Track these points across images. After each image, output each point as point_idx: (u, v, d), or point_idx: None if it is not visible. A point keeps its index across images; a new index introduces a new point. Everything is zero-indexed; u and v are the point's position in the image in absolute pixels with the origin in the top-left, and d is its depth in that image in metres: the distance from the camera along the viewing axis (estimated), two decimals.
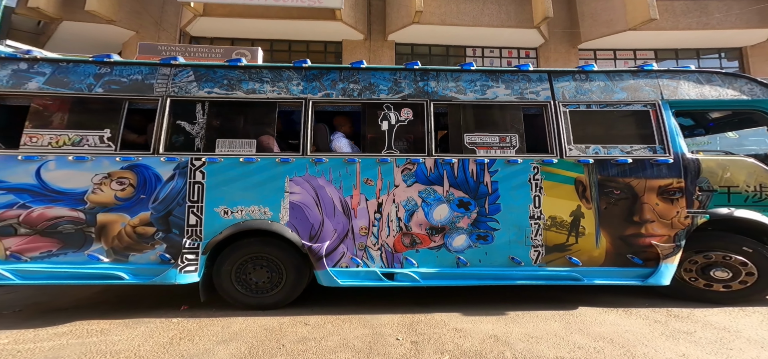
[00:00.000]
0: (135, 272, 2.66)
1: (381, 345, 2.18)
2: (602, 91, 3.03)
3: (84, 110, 2.87)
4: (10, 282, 2.56)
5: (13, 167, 2.68)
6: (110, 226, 2.69)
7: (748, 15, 10.67)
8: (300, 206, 2.77)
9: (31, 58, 2.97)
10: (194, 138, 2.87)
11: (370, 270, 2.77)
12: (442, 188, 2.80)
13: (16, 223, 2.65)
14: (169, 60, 3.04)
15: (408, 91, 2.98)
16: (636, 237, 2.79)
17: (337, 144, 3.02)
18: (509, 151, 2.87)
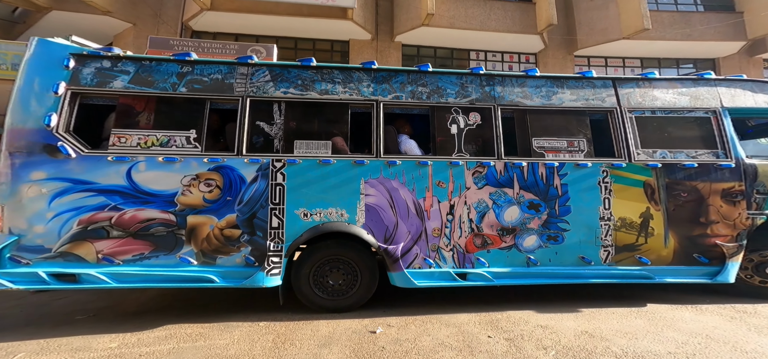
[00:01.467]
0: (224, 275, 2.76)
1: (477, 343, 2.37)
2: (666, 98, 3.32)
3: (169, 109, 2.92)
4: (105, 285, 2.63)
5: (104, 168, 2.73)
6: (199, 228, 2.78)
7: (724, 28, 11.72)
8: (375, 208, 2.94)
9: (114, 55, 2.99)
10: (273, 139, 2.97)
11: (443, 271, 2.95)
12: (513, 191, 3.03)
13: (108, 225, 2.70)
14: (245, 59, 3.12)
15: (475, 95, 3.19)
16: (702, 237, 3.07)
17: (407, 146, 3.20)
18: (578, 155, 3.13)
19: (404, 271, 2.88)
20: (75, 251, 2.67)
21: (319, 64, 3.18)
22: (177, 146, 2.85)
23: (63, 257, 2.65)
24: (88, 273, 2.62)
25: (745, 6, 11.74)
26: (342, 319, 2.83)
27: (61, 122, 2.75)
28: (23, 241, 2.61)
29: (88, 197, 2.70)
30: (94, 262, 2.67)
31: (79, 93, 2.87)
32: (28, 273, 2.58)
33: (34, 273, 2.58)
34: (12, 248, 2.60)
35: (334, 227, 2.88)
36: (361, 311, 2.96)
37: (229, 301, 3.26)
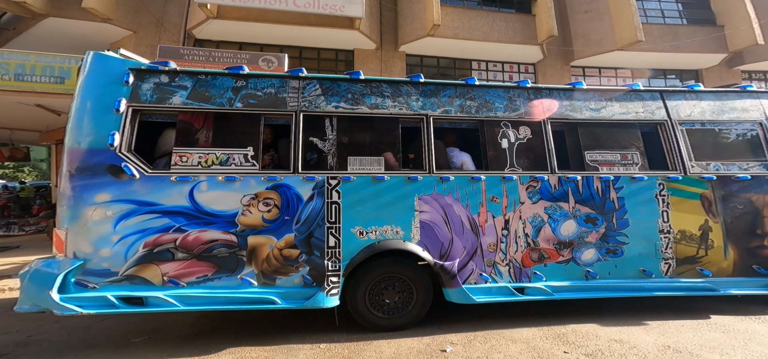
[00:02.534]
0: (284, 296, 2.73)
1: None
2: (712, 110, 3.43)
3: (227, 126, 2.87)
4: (173, 307, 2.58)
5: (167, 189, 2.68)
6: (259, 249, 2.75)
7: (708, 41, 12.41)
8: (430, 225, 2.96)
9: (172, 70, 2.92)
10: (326, 155, 2.95)
11: (501, 286, 2.97)
12: (568, 205, 3.09)
13: (173, 247, 2.65)
14: (297, 72, 3.10)
15: (523, 109, 3.26)
16: (760, 249, 3.15)
17: (461, 159, 3.25)
18: (632, 168, 3.20)
19: (462, 287, 2.90)
20: (141, 274, 2.61)
21: (368, 77, 3.20)
22: (236, 165, 2.81)
23: (130, 281, 2.59)
24: (156, 296, 2.57)
25: (726, 20, 12.48)
26: (401, 338, 2.83)
27: (124, 141, 2.68)
28: (89, 265, 2.55)
29: (153, 219, 2.65)
30: (160, 285, 2.62)
31: (139, 110, 2.80)
32: (96, 297, 2.52)
33: (102, 297, 2.51)
34: (77, 272, 2.53)
35: (391, 245, 2.88)
36: (417, 329, 2.96)
37: (274, 321, 3.23)
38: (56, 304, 2.41)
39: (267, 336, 2.90)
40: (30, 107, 7.82)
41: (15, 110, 8.01)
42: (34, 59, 6.19)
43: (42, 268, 2.51)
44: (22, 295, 2.51)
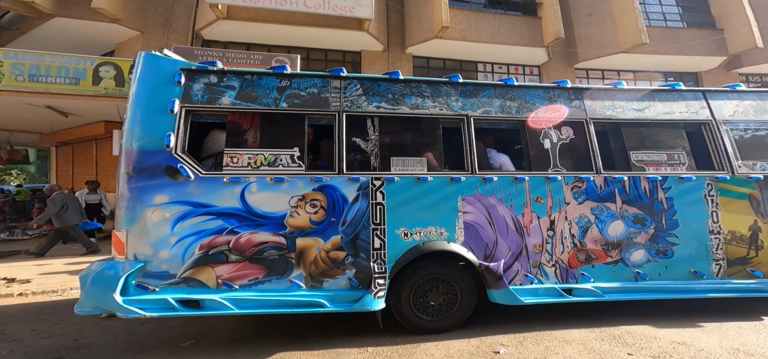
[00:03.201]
0: (332, 299, 2.69)
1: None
2: (755, 110, 3.44)
3: (273, 126, 2.86)
4: (229, 311, 2.54)
5: (220, 190, 2.65)
6: (307, 251, 2.72)
7: (708, 44, 12.65)
8: (474, 226, 2.95)
9: (220, 70, 2.90)
10: (369, 156, 2.93)
11: (548, 287, 2.94)
12: (615, 205, 3.08)
13: (226, 249, 2.62)
14: (338, 72, 3.08)
15: (565, 110, 3.24)
16: None
17: (501, 161, 3.24)
18: (679, 168, 3.19)
19: (509, 288, 2.88)
20: (197, 276, 2.58)
21: (407, 77, 3.19)
22: (283, 165, 2.79)
23: (186, 283, 2.56)
24: (212, 299, 2.54)
25: (725, 24, 12.73)
26: (447, 340, 2.80)
27: (179, 142, 2.67)
28: (149, 267, 2.52)
29: (208, 221, 2.62)
30: (215, 287, 2.59)
31: (192, 111, 2.79)
32: (157, 299, 2.48)
33: (163, 300, 2.48)
34: (138, 274, 2.50)
35: (436, 247, 2.86)
36: (461, 331, 2.93)
37: (313, 324, 3.19)
38: (120, 307, 2.38)
39: (311, 340, 2.87)
40: (37, 109, 7.68)
41: (21, 111, 7.86)
42: (48, 60, 6.08)
43: (105, 270, 2.49)
44: (84, 297, 2.49)
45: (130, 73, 6.86)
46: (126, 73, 6.84)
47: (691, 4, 13.37)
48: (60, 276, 4.87)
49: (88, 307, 2.48)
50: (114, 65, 6.82)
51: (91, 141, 10.01)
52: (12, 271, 5.08)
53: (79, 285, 2.56)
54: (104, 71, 6.81)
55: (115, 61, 6.82)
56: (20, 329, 3.30)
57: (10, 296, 4.26)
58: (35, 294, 4.29)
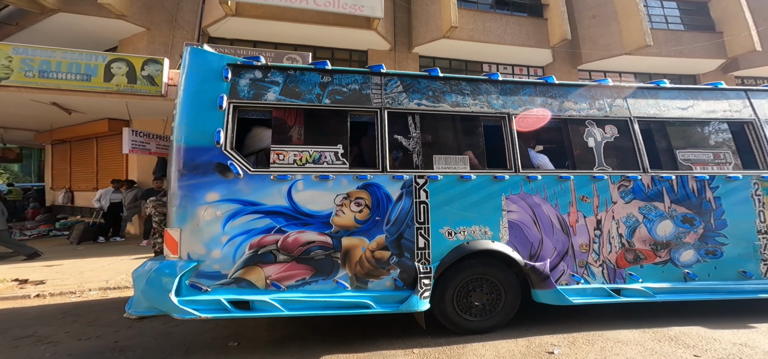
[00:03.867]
0: (378, 300, 2.61)
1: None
2: None
3: (317, 123, 2.79)
4: (278, 313, 2.44)
5: (268, 188, 2.57)
6: (353, 251, 2.64)
7: (708, 47, 12.81)
8: (518, 225, 2.87)
9: (264, 65, 2.82)
10: (411, 154, 2.86)
11: (597, 287, 2.87)
12: (664, 205, 3.02)
13: (275, 249, 2.54)
14: (378, 68, 3.01)
15: (607, 108, 3.19)
16: None
17: (539, 161, 3.18)
18: (725, 167, 3.14)
19: (557, 288, 2.80)
20: (247, 276, 2.49)
21: (446, 75, 3.12)
22: (327, 163, 2.70)
23: (237, 283, 2.47)
24: (262, 300, 2.44)
25: (725, 27, 12.89)
26: (493, 340, 2.73)
27: (228, 138, 2.59)
28: (201, 267, 2.44)
29: (257, 219, 2.54)
30: (264, 288, 2.50)
31: (238, 106, 2.70)
32: (210, 300, 2.40)
33: (216, 301, 2.40)
34: (191, 274, 2.42)
35: (480, 246, 2.78)
36: (505, 332, 2.86)
37: (350, 325, 3.08)
38: (176, 307, 2.31)
39: (352, 342, 2.77)
40: (41, 105, 7.41)
41: (24, 107, 7.58)
42: (59, 56, 5.86)
43: (161, 270, 2.41)
44: (139, 297, 2.43)
45: (142, 70, 6.72)
46: (138, 70, 6.63)
47: (692, 8, 13.52)
48: (74, 277, 4.70)
49: (142, 307, 2.42)
50: (126, 62, 6.62)
51: (91, 139, 9.73)
52: (20, 272, 4.87)
53: (133, 285, 2.49)
54: (116, 68, 6.60)
55: (128, 57, 6.62)
56: (53, 331, 3.19)
57: (27, 297, 4.10)
58: (53, 295, 4.14)
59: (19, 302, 4.01)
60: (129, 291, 4.29)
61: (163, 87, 6.71)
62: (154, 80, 6.70)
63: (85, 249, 6.83)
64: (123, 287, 4.36)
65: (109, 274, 4.84)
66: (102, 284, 4.41)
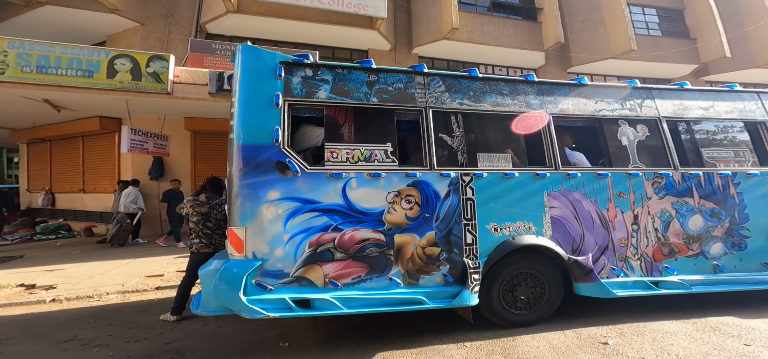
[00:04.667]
0: (430, 295, 2.60)
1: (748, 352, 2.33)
2: None
3: (366, 121, 2.77)
4: (338, 311, 2.39)
5: (324, 186, 2.53)
6: (405, 248, 2.61)
7: (684, 53, 13.46)
8: (560, 221, 2.90)
9: (314, 64, 2.78)
10: (456, 152, 2.87)
11: (637, 280, 2.93)
12: (693, 200, 3.12)
13: (332, 247, 2.50)
14: (420, 68, 3.00)
15: (638, 108, 3.28)
16: None
17: (576, 159, 3.22)
18: (745, 165, 3.27)
19: (601, 282, 2.84)
20: (307, 275, 2.45)
21: (485, 75, 3.15)
22: (378, 161, 2.67)
23: (298, 282, 2.43)
24: (322, 299, 2.40)
25: (698, 34, 13.58)
26: (541, 333, 2.74)
27: (285, 136, 2.54)
28: (266, 266, 2.40)
29: (315, 218, 2.49)
30: (322, 286, 2.46)
31: (292, 104, 2.66)
32: (275, 299, 2.35)
33: (281, 300, 2.35)
34: (256, 273, 2.37)
35: (526, 241, 2.80)
36: (549, 324, 2.87)
37: (390, 322, 3.03)
38: (245, 306, 2.26)
39: (399, 339, 2.72)
40: (28, 102, 6.90)
41: (10, 104, 7.04)
42: (59, 51, 5.47)
43: (230, 268, 2.34)
44: (208, 296, 2.38)
45: (147, 67, 6.38)
46: (143, 67, 6.31)
47: (670, 15, 14.15)
48: (85, 282, 4.42)
49: (211, 306, 2.38)
50: (130, 58, 6.27)
51: (76, 138, 9.04)
52: (22, 277, 4.52)
53: (201, 284, 2.44)
54: (120, 64, 6.25)
55: (132, 53, 6.28)
56: (94, 334, 3.05)
57: (42, 302, 3.84)
58: (69, 300, 3.90)
59: (34, 307, 3.75)
60: (149, 293, 4.11)
61: (169, 84, 6.42)
62: (159, 77, 6.40)
63: (83, 253, 6.42)
64: (142, 290, 4.16)
65: (122, 277, 4.59)
66: (118, 287, 4.19)
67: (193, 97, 6.84)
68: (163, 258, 5.68)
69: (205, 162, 8.54)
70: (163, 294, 4.10)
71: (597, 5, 12.18)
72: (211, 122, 8.28)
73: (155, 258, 5.69)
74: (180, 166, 8.45)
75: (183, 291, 3.31)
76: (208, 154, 8.56)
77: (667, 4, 14.10)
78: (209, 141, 8.58)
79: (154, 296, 4.04)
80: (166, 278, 4.60)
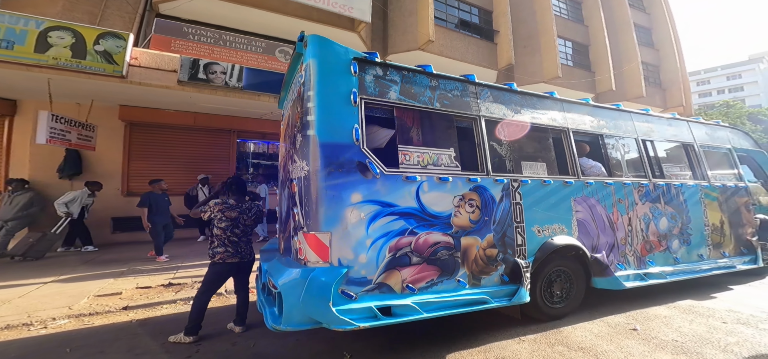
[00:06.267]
0: (492, 295, 2.60)
1: (727, 330, 2.74)
2: (710, 137, 4.44)
3: (431, 125, 2.68)
4: (417, 316, 2.22)
5: (400, 189, 2.34)
6: (470, 250, 2.57)
7: (588, 83, 15.66)
8: (583, 223, 3.16)
9: (383, 63, 2.55)
10: (504, 159, 2.94)
11: (634, 273, 3.30)
12: (661, 205, 3.64)
13: (409, 251, 2.32)
14: (471, 77, 3.00)
15: (625, 128, 3.75)
16: (744, 235, 4.22)
17: (589, 165, 3.48)
18: (684, 178, 3.99)
19: (615, 276, 3.14)
20: (388, 281, 2.25)
21: (522, 90, 3.28)
22: (444, 165, 2.59)
23: (379, 289, 2.21)
24: (403, 304, 2.22)
25: (596, 68, 15.99)
26: (576, 323, 2.93)
27: (363, 136, 2.29)
28: (351, 273, 2.13)
29: (393, 221, 2.30)
30: (400, 292, 2.27)
31: (367, 103, 2.42)
32: (361, 308, 2.11)
33: (368, 308, 2.11)
34: (342, 281, 2.08)
35: (563, 242, 2.97)
36: (576, 316, 3.07)
37: (433, 322, 2.90)
38: (336, 318, 2.01)
39: (462, 339, 2.66)
40: None
41: None
42: None
43: (316, 278, 2.01)
44: (294, 309, 2.00)
45: (96, 45, 5.07)
46: (89, 44, 5.05)
47: (580, 49, 16.32)
48: (3, 308, 3.33)
49: (295, 320, 2.04)
50: (73, 32, 4.98)
51: None
52: None
53: (283, 297, 2.03)
54: (57, 38, 4.93)
55: (77, 27, 4.99)
56: None
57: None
58: None
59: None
60: (118, 315, 3.29)
61: (125, 67, 5.26)
62: (112, 58, 5.23)
63: None
64: (104, 312, 3.32)
65: (60, 299, 3.52)
66: (64, 311, 3.25)
67: (154, 84, 5.73)
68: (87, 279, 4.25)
69: (142, 159, 7.20)
70: (138, 314, 3.32)
71: (535, 33, 13.62)
72: (157, 113, 6.99)
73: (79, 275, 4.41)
74: (106, 162, 7.01)
75: (201, 307, 2.74)
76: (146, 150, 7.23)
77: (580, 39, 16.38)
78: (148, 135, 7.25)
79: (125, 317, 3.25)
80: (126, 296, 3.72)
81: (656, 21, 19.21)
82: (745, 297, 3.72)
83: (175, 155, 7.56)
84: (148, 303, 3.54)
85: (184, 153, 7.61)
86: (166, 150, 7.55)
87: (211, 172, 7.49)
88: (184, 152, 7.66)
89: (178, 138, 7.66)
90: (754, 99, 44.95)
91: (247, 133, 8.63)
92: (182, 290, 3.93)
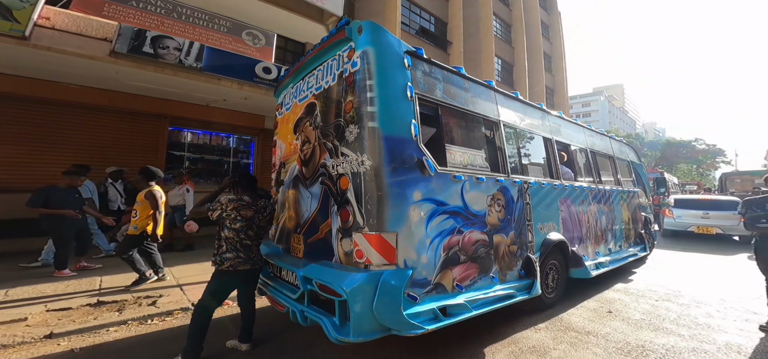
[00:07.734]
0: (517, 289, 2.64)
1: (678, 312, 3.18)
2: (619, 150, 5.29)
3: (466, 125, 2.60)
4: (468, 314, 2.14)
5: (449, 187, 2.21)
6: (499, 247, 2.58)
7: None
8: (565, 221, 3.44)
9: (428, 60, 2.36)
10: (517, 163, 3.03)
11: (592, 263, 3.68)
12: (603, 205, 4.17)
13: (458, 250, 2.21)
14: (489, 82, 3.01)
15: (583, 139, 4.22)
16: (636, 229, 5.10)
17: (565, 172, 3.77)
18: (610, 183, 4.58)
19: (585, 266, 3.48)
20: (442, 281, 2.11)
21: (523, 99, 3.44)
22: (478, 166, 2.57)
23: (436, 289, 2.06)
24: (456, 303, 2.12)
25: (517, 86, 17.59)
26: (568, 309, 3.19)
27: (420, 132, 2.09)
28: (415, 275, 1.92)
29: (445, 220, 2.17)
30: (451, 291, 2.14)
31: (421, 99, 2.23)
32: (425, 311, 1.93)
33: (431, 311, 1.95)
34: (408, 284, 1.87)
35: (557, 238, 3.20)
36: (562, 304, 3.34)
37: None
38: (407, 323, 1.81)
39: (485, 334, 2.65)
40: None
41: None
42: None
43: (388, 281, 1.75)
44: (365, 317, 1.76)
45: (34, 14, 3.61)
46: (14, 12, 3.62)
47: (507, 67, 17.76)
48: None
49: (366, 329, 1.78)
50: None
51: None
52: None
53: (349, 305, 1.78)
54: None
55: None
56: None
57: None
58: None
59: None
60: (39, 347, 2.40)
61: (29, 27, 3.95)
62: (12, 14, 3.88)
63: None
64: (18, 344, 2.42)
65: None
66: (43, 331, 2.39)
67: (71, 51, 4.39)
68: None
69: (12, 143, 5.17)
70: (74, 342, 2.47)
71: (478, 48, 14.71)
72: (50, 86, 5.27)
73: None
74: None
75: (204, 325, 2.17)
76: (18, 130, 5.22)
77: (507, 58, 18.16)
78: (24, 112, 5.27)
79: (57, 347, 2.39)
80: (37, 321, 2.70)
81: (555, 50, 22.27)
82: (650, 279, 4.54)
83: (70, 141, 5.60)
84: (84, 327, 2.64)
85: (86, 139, 5.73)
86: (55, 133, 5.49)
87: (127, 165, 5.71)
88: (88, 138, 5.76)
89: (81, 120, 5.72)
90: (598, 124, 57.75)
91: (184, 120, 6.96)
92: (127, 309, 2.97)
